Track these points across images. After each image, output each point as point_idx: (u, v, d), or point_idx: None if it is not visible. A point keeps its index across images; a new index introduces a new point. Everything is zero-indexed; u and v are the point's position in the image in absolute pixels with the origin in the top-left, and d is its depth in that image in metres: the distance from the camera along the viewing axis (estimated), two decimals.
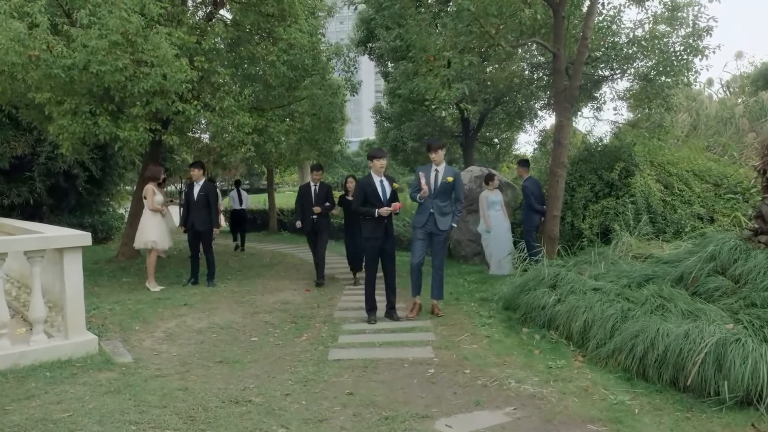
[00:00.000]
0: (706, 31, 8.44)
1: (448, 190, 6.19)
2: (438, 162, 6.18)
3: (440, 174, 6.18)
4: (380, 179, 6.13)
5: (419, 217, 6.25)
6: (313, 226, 8.46)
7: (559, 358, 4.73)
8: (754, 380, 3.54)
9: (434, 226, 6.15)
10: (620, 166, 9.50)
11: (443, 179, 6.15)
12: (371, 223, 6.03)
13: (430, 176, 6.15)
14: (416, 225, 6.25)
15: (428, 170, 6.21)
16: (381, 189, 6.09)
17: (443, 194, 6.18)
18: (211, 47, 8.48)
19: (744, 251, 5.25)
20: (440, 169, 6.20)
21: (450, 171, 6.28)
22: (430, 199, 6.11)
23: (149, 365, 4.77)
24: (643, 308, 4.79)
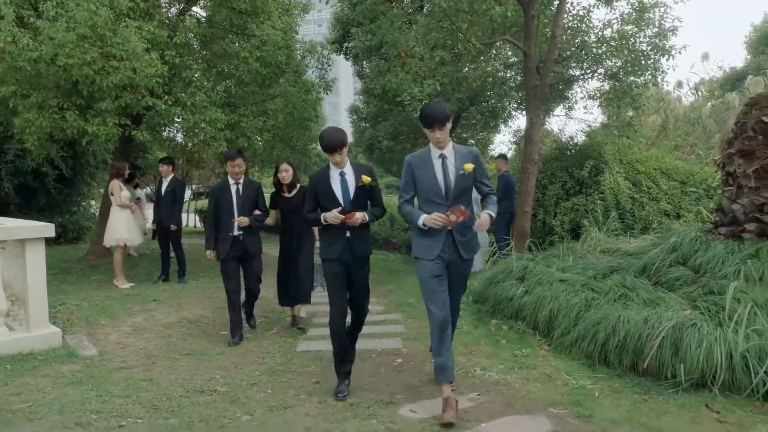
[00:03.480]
0: (671, 31, 8.64)
1: (468, 185, 3.70)
2: (443, 144, 3.63)
3: (451, 162, 3.64)
4: (339, 172, 3.92)
5: (427, 242, 3.66)
6: (234, 247, 5.28)
7: (525, 347, 4.80)
8: (709, 363, 3.64)
9: (455, 253, 3.66)
10: (590, 165, 9.67)
11: (458, 170, 3.63)
12: (326, 235, 4.00)
13: (435, 170, 3.65)
14: (424, 256, 3.67)
15: (428, 159, 3.68)
16: (340, 187, 3.90)
17: (463, 195, 3.66)
18: (182, 42, 8.41)
19: (704, 242, 5.39)
20: (449, 154, 3.66)
21: (465, 154, 3.71)
22: (441, 207, 3.61)
23: (114, 358, 4.72)
24: (606, 297, 4.88)
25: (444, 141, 3.63)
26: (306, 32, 48.92)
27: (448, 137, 3.67)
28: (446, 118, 3.57)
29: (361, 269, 4.03)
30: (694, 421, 3.31)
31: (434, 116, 3.55)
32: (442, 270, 3.66)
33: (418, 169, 3.70)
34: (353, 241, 3.92)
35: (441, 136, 3.59)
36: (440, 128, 3.55)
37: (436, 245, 3.63)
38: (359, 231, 3.94)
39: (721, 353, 3.62)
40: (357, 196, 3.94)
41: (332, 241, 3.93)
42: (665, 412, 3.44)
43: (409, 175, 3.77)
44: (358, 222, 3.85)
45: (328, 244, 3.96)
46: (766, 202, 5.19)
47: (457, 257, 3.69)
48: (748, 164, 5.37)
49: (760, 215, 5.22)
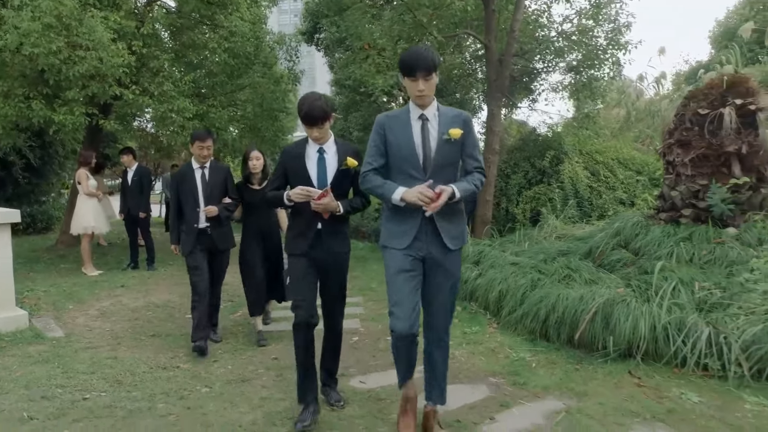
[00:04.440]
0: (625, 27, 9.01)
1: (453, 156, 2.91)
2: (425, 99, 2.84)
3: (433, 127, 2.87)
4: (318, 148, 3.23)
5: (398, 226, 2.92)
6: (199, 239, 4.61)
7: (475, 325, 5.10)
8: (635, 334, 3.96)
9: (435, 242, 2.89)
10: (551, 155, 10.04)
11: (442, 135, 2.85)
12: (294, 226, 3.36)
13: (413, 134, 2.86)
14: (392, 244, 2.92)
15: (405, 121, 2.89)
16: (316, 167, 3.22)
17: (446, 168, 2.89)
18: (150, 33, 8.49)
19: (645, 227, 5.76)
20: (431, 115, 2.88)
21: (452, 117, 2.91)
22: (418, 182, 2.82)
23: (81, 339, 4.88)
24: (551, 279, 5.20)
25: (427, 96, 2.80)
26: (283, 21, 49.07)
27: (432, 93, 2.85)
28: (433, 65, 2.73)
29: (336, 270, 3.31)
30: (616, 386, 3.63)
31: (417, 60, 2.72)
32: (414, 264, 2.85)
33: (392, 132, 2.87)
34: (326, 235, 3.23)
35: (425, 88, 2.75)
36: (425, 77, 2.73)
37: (410, 231, 2.83)
38: (334, 223, 3.25)
39: (646, 325, 3.96)
40: (337, 181, 3.19)
41: (300, 233, 3.26)
42: (593, 379, 3.75)
43: (379, 138, 2.89)
44: (331, 208, 3.12)
45: (295, 236, 3.28)
46: (701, 189, 5.57)
47: (439, 248, 2.86)
48: (686, 153, 5.75)
49: (695, 201, 5.61)
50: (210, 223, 4.66)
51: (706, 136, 5.57)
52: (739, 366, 3.59)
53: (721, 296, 4.21)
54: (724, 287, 4.32)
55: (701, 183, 5.57)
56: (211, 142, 4.73)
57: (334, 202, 3.15)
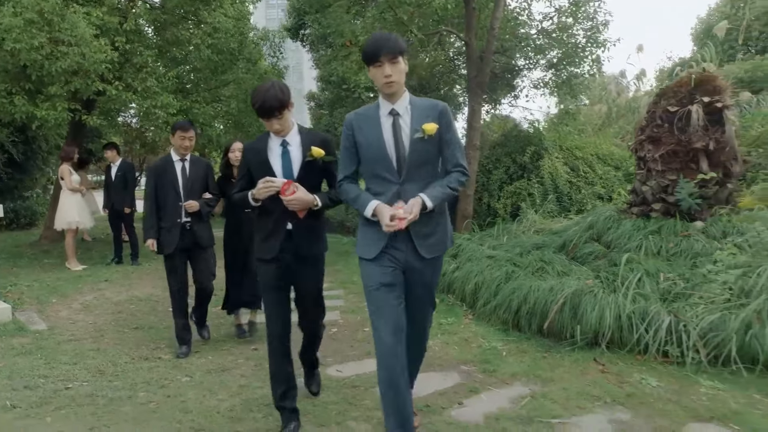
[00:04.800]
0: (603, 25, 9.19)
1: (429, 154, 2.61)
2: (394, 87, 2.54)
3: (405, 122, 2.59)
4: (281, 141, 2.91)
5: (370, 235, 2.66)
6: (182, 238, 4.39)
7: (451, 317, 5.25)
8: (601, 324, 4.13)
9: (411, 251, 2.63)
10: (531, 150, 10.21)
11: (414, 132, 2.57)
12: (261, 227, 3.03)
13: (383, 132, 2.59)
14: (366, 254, 2.68)
15: (374, 118, 2.63)
16: (280, 161, 2.91)
17: (422, 167, 2.61)
18: (132, 29, 8.52)
19: (617, 221, 5.93)
20: (403, 110, 2.60)
21: (427, 109, 2.62)
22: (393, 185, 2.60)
23: (63, 332, 4.96)
24: (525, 271, 5.36)
25: (396, 82, 2.49)
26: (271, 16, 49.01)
27: (402, 83, 2.54)
28: (398, 48, 2.48)
29: (310, 275, 3.05)
30: (582, 373, 3.79)
31: (381, 43, 2.47)
32: (393, 276, 2.60)
33: (361, 131, 2.61)
34: (298, 235, 2.91)
35: (392, 73, 2.47)
36: (390, 60, 2.46)
37: (380, 239, 2.59)
38: (307, 222, 2.91)
39: (611, 315, 4.12)
40: (304, 174, 2.88)
41: (269, 234, 2.94)
42: (559, 366, 3.91)
43: (349, 141, 2.67)
44: (306, 203, 2.81)
45: (264, 238, 2.96)
46: (670, 184, 5.74)
47: (415, 258, 2.60)
48: (656, 149, 5.92)
49: (665, 196, 5.78)
50: (191, 219, 4.42)
51: (675, 132, 5.74)
52: (696, 352, 3.77)
53: (684, 287, 4.38)
54: (688, 278, 4.49)
55: (670, 178, 5.74)
56: (194, 134, 4.50)
57: (308, 195, 2.80)
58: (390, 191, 2.59)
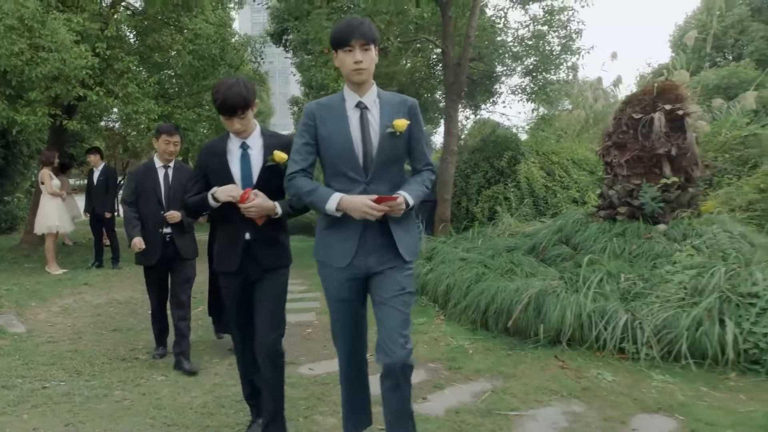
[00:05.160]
0: (576, 33, 9.45)
1: (398, 151, 2.44)
2: (365, 75, 2.34)
3: (374, 117, 2.39)
4: (241, 143, 2.73)
5: (335, 237, 2.43)
6: (163, 250, 4.18)
7: (423, 317, 5.41)
8: (563, 323, 4.32)
9: (384, 255, 2.40)
10: (508, 155, 10.43)
11: (385, 127, 2.38)
12: (218, 234, 2.92)
13: (350, 126, 2.38)
14: (329, 260, 2.47)
15: (340, 110, 2.41)
16: (239, 165, 2.73)
17: (390, 166, 2.43)
18: (114, 35, 8.61)
19: (584, 224, 6.14)
20: (371, 103, 2.40)
21: (397, 104, 2.44)
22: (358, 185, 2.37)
23: (42, 334, 5.05)
24: (495, 272, 5.53)
25: (366, 69, 2.29)
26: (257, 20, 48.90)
27: (372, 73, 2.35)
28: (371, 34, 2.28)
29: (271, 291, 2.77)
30: (542, 369, 3.97)
31: (353, 27, 2.26)
32: (356, 289, 2.43)
33: (324, 124, 2.38)
34: (257, 247, 2.71)
35: (363, 59, 2.27)
36: (362, 46, 2.26)
37: (351, 242, 2.35)
38: (266, 231, 2.71)
39: (572, 314, 4.31)
40: (265, 179, 2.68)
41: (226, 245, 2.78)
42: (522, 363, 4.09)
43: (309, 133, 2.41)
44: (266, 210, 2.61)
45: (221, 249, 2.82)
46: (635, 188, 5.96)
47: (390, 260, 2.38)
48: (622, 155, 6.14)
49: (630, 200, 5.99)
50: (172, 230, 4.16)
51: (639, 138, 5.96)
52: (650, 348, 3.96)
53: (643, 286, 4.59)
54: (647, 278, 4.70)
55: (635, 182, 5.96)
56: (179, 138, 4.24)
57: (268, 202, 2.61)
58: (355, 191, 2.32)
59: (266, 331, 2.76)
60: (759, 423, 3.10)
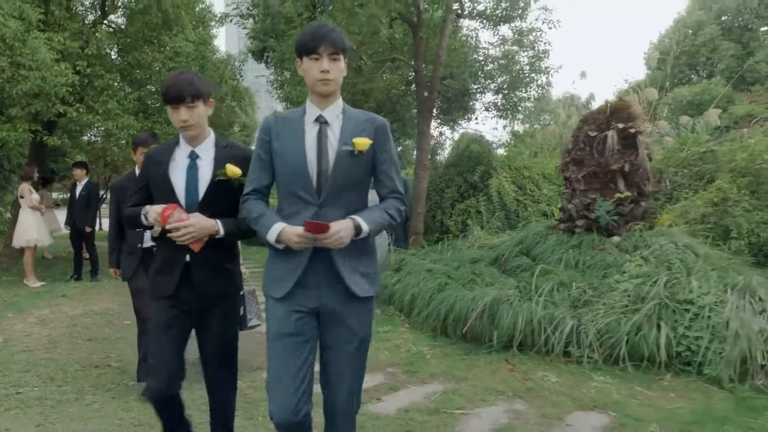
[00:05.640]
0: (544, 54, 9.86)
1: (357, 173, 2.16)
2: (330, 87, 2.11)
3: (333, 133, 2.15)
4: (189, 152, 2.41)
5: (278, 268, 2.18)
6: (143, 261, 3.98)
7: (388, 325, 5.65)
8: (515, 328, 4.59)
9: (332, 289, 2.13)
10: (481, 170, 10.76)
11: (343, 145, 2.12)
12: (157, 253, 2.58)
13: (305, 141, 2.13)
14: (272, 291, 2.18)
15: (297, 124, 2.16)
16: (185, 177, 2.39)
17: (349, 190, 2.16)
18: (94, 53, 8.84)
19: (544, 236, 6.44)
20: (332, 118, 2.17)
21: (362, 122, 2.18)
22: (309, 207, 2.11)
23: (18, 343, 5.21)
24: (457, 283, 5.80)
25: (333, 80, 2.08)
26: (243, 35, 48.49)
27: (339, 85, 2.13)
28: (341, 44, 2.07)
29: (217, 326, 2.43)
30: (493, 372, 4.23)
31: (322, 33, 2.05)
32: (303, 324, 2.11)
33: (279, 139, 2.15)
34: (198, 271, 2.36)
35: (330, 69, 2.05)
36: (330, 56, 2.05)
37: (292, 272, 2.10)
38: (210, 253, 2.35)
39: (524, 320, 4.59)
40: (212, 196, 2.35)
41: (163, 266, 2.43)
42: (475, 367, 4.35)
43: (264, 149, 2.18)
44: (202, 232, 2.27)
45: (157, 271, 2.46)
46: (591, 202, 6.28)
47: (340, 296, 2.11)
48: (579, 170, 6.47)
49: (587, 213, 6.31)
50: (156, 243, 3.77)
51: (595, 155, 6.30)
52: (593, 352, 4.24)
53: (592, 294, 4.88)
54: (596, 287, 4.99)
55: (592, 197, 6.28)
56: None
57: (209, 222, 2.28)
58: (305, 213, 2.07)
59: (218, 373, 2.48)
60: (684, 419, 3.38)
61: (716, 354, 3.96)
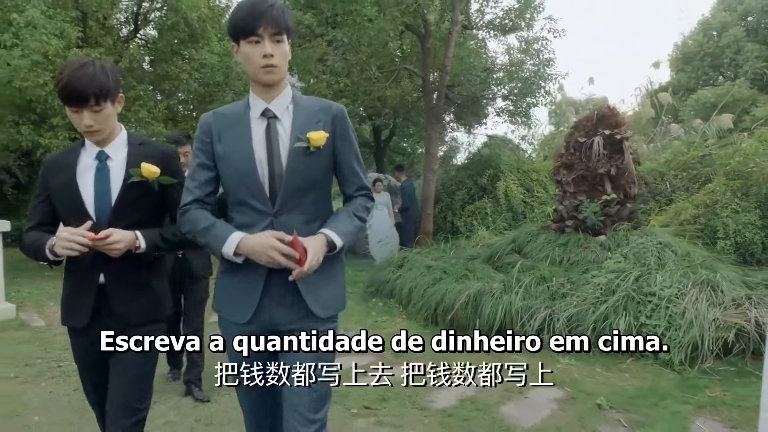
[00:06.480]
0: (547, 62, 10.26)
1: (315, 173, 1.85)
2: (275, 76, 1.79)
3: (284, 129, 1.84)
4: (97, 153, 1.99)
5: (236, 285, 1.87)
6: (174, 269, 3.84)
7: (387, 316, 6.19)
8: (496, 317, 5.07)
9: (291, 310, 1.86)
10: (489, 173, 11.22)
11: (296, 141, 1.81)
12: (67, 275, 2.07)
13: (253, 140, 1.82)
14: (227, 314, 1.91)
15: (242, 120, 1.84)
16: (93, 183, 1.97)
17: (307, 193, 1.85)
18: (127, 66, 9.61)
19: (535, 235, 6.89)
20: (281, 110, 1.85)
21: (315, 113, 1.86)
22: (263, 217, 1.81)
23: (59, 327, 5.90)
24: (451, 277, 6.30)
25: (277, 67, 1.77)
26: None
27: (285, 72, 1.85)
28: (284, 23, 1.75)
29: (129, 364, 1.97)
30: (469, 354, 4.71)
31: (260, 11, 1.73)
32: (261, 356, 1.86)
33: (222, 139, 1.86)
34: (115, 295, 1.98)
35: (274, 53, 1.74)
36: (272, 37, 1.74)
37: (252, 293, 1.84)
38: (128, 272, 1.98)
39: (503, 310, 5.06)
40: (126, 201, 1.98)
41: (74, 292, 2.03)
42: None
43: (205, 152, 1.88)
44: (117, 247, 1.86)
45: (67, 298, 2.07)
46: (580, 203, 6.70)
47: (300, 317, 1.87)
48: (569, 174, 6.90)
49: (576, 214, 6.74)
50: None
51: (583, 159, 6.73)
52: (562, 337, 4.69)
53: (569, 288, 5.32)
54: (574, 281, 5.43)
55: (580, 199, 6.70)
56: (189, 148, 3.91)
57: (126, 235, 1.89)
58: (259, 225, 1.80)
59: (119, 415, 1.98)
60: (629, 394, 3.84)
61: (671, 340, 4.38)
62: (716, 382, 3.99)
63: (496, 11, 10.49)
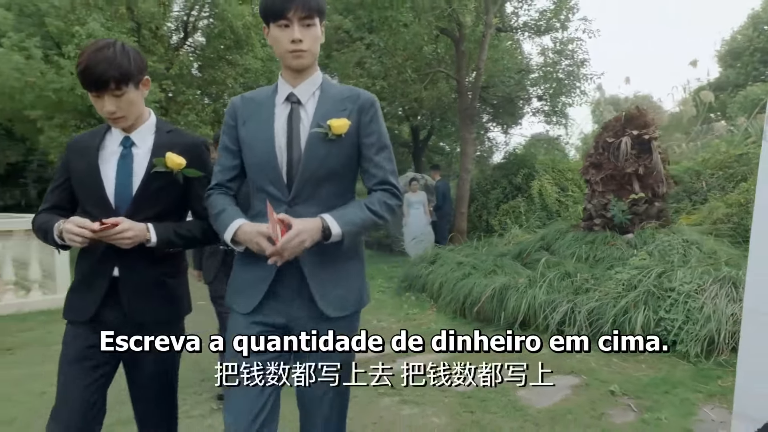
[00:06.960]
0: (582, 62, 10.35)
1: (340, 161, 1.75)
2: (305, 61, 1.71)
3: (306, 114, 1.76)
4: (122, 139, 1.88)
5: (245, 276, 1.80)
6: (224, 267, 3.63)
7: (418, 309, 6.51)
8: (520, 311, 5.32)
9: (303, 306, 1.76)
10: (524, 173, 11.38)
11: (316, 127, 1.72)
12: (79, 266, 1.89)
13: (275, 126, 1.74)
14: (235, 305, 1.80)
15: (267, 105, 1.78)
16: (115, 169, 1.86)
17: (326, 183, 1.75)
18: (177, 73, 10.24)
19: (564, 233, 7.08)
20: (307, 96, 1.77)
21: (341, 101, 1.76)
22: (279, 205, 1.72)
23: None
24: (480, 272, 6.57)
25: (307, 51, 1.70)
26: None
27: (316, 57, 1.76)
28: (316, 6, 1.68)
29: (149, 360, 1.86)
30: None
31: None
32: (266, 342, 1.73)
33: (247, 124, 1.80)
34: (128, 288, 1.85)
35: (303, 38, 1.67)
36: (302, 21, 1.67)
37: (261, 282, 1.75)
38: (142, 267, 1.86)
39: (527, 303, 5.31)
40: (147, 191, 1.87)
41: (82, 283, 1.89)
42: None
43: (230, 136, 1.82)
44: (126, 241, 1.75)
45: (76, 287, 1.91)
46: (608, 202, 6.86)
47: (311, 314, 1.76)
48: (598, 173, 7.06)
49: (604, 212, 6.90)
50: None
51: (612, 159, 6.88)
52: (582, 329, 4.92)
53: (593, 283, 5.53)
54: (598, 277, 5.63)
55: (608, 197, 6.86)
56: None
57: (135, 227, 1.77)
58: (278, 209, 1.70)
59: (151, 417, 1.96)
60: (642, 383, 4.05)
61: (688, 333, 4.55)
62: (729, 373, 4.14)
63: (530, 13, 10.65)
